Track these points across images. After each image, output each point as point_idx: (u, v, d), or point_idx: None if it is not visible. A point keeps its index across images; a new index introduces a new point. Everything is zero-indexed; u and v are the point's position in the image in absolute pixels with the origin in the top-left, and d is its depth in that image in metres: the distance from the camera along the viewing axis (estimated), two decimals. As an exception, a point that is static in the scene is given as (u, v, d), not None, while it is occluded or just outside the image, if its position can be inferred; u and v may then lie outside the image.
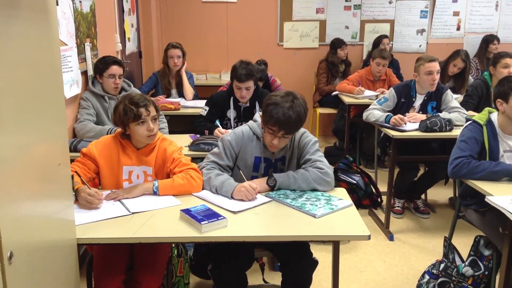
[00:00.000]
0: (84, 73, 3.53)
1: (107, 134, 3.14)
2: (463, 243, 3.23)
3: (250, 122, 2.49)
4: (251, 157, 2.42)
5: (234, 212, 2.10)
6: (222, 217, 1.98)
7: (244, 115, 3.47)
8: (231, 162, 2.42)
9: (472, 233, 3.31)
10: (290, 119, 2.22)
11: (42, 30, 1.53)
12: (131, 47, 5.06)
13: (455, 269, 2.64)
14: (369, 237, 1.93)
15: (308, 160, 2.39)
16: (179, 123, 4.47)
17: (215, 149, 2.45)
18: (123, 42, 4.67)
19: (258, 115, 2.49)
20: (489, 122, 2.72)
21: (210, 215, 1.99)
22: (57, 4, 2.85)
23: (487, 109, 2.81)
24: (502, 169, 2.55)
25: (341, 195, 2.31)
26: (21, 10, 1.38)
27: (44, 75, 1.56)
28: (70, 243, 1.81)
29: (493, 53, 5.82)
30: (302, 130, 2.46)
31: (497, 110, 2.75)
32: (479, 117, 2.77)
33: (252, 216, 2.09)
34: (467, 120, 2.84)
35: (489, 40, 5.92)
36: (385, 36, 5.84)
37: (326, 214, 2.08)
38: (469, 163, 2.59)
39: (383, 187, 4.00)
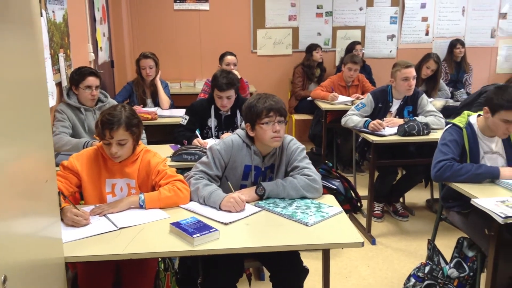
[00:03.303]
0: (59, 85, 3.44)
1: (84, 147, 3.08)
2: (444, 245, 3.27)
3: (239, 130, 2.47)
4: (241, 166, 2.39)
5: (225, 224, 2.07)
6: (214, 229, 1.94)
7: (225, 124, 3.45)
8: (220, 172, 2.39)
9: (452, 234, 3.38)
10: (279, 102, 2.36)
11: (28, 42, 1.48)
12: (103, 56, 4.97)
13: (441, 271, 2.67)
14: (362, 244, 1.93)
15: (296, 167, 2.38)
16: (155, 133, 4.39)
17: (204, 158, 2.41)
18: (95, 51, 4.57)
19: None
20: (469, 124, 2.77)
21: (202, 228, 1.95)
22: (41, 15, 2.78)
23: (465, 112, 2.87)
24: (484, 171, 2.60)
25: (330, 202, 2.31)
26: (7, 23, 1.33)
27: (30, 88, 1.50)
28: (58, 261, 1.74)
29: (460, 57, 6.00)
30: (289, 137, 2.47)
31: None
32: (459, 120, 2.82)
33: (244, 227, 2.06)
34: (447, 123, 2.89)
35: (453, 44, 6.09)
36: (358, 43, 5.93)
37: (318, 222, 2.07)
38: (452, 166, 2.63)
39: (361, 192, 4.03)
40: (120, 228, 2.03)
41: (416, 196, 4.49)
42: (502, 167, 2.67)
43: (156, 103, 4.59)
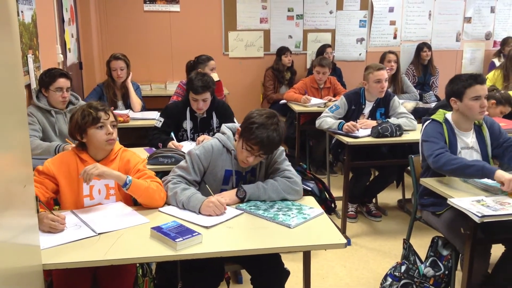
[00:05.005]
0: (28, 87, 3.33)
1: (55, 151, 3.00)
2: (418, 244, 3.32)
3: (219, 135, 2.44)
4: (221, 170, 2.37)
5: (206, 227, 2.04)
6: (196, 233, 1.92)
7: (201, 126, 3.42)
8: (199, 177, 2.36)
9: (424, 234, 3.45)
10: (273, 142, 2.24)
11: (5, 42, 1.42)
12: (71, 58, 4.86)
13: (417, 270, 2.72)
14: (345, 245, 1.94)
15: (277, 169, 2.38)
16: (127, 136, 4.31)
17: (182, 163, 2.38)
18: (64, 53, 4.46)
19: (226, 128, 2.45)
20: (446, 120, 2.84)
21: (184, 232, 1.92)
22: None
23: (441, 110, 2.93)
24: (477, 164, 2.56)
25: (311, 204, 2.32)
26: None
27: (7, 89, 1.44)
28: (36, 269, 1.68)
29: (427, 60, 6.14)
30: None
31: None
32: (437, 116, 2.87)
33: (226, 230, 2.04)
34: (426, 119, 2.92)
35: (420, 48, 6.24)
36: (328, 45, 6.00)
37: (300, 223, 2.07)
38: (449, 156, 2.65)
39: (335, 193, 4.06)
40: (99, 234, 1.97)
41: (388, 196, 4.56)
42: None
43: (127, 106, 4.51)
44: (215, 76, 3.88)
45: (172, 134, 3.33)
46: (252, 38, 6.31)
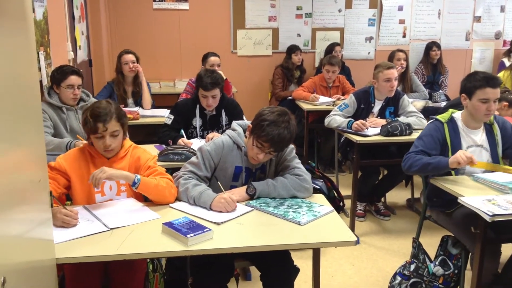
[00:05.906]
0: (39, 84, 3.35)
1: (67, 147, 3.03)
2: (426, 243, 3.30)
3: (229, 131, 2.45)
4: (231, 167, 2.38)
5: (217, 224, 2.05)
6: (207, 229, 1.93)
7: (210, 123, 3.43)
8: (209, 173, 2.37)
9: (433, 233, 3.45)
10: (284, 140, 2.24)
11: (21, 38, 1.44)
12: (81, 55, 4.88)
13: (426, 269, 2.72)
14: (356, 242, 1.95)
15: (287, 167, 2.39)
16: (137, 133, 4.34)
17: (193, 159, 2.39)
18: (74, 50, 4.49)
19: (236, 124, 2.46)
20: (451, 119, 2.84)
21: (195, 227, 1.93)
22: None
23: (450, 110, 2.93)
24: (434, 161, 2.63)
25: (321, 202, 2.32)
26: (1, 17, 1.29)
27: (23, 84, 1.46)
28: (50, 263, 1.70)
29: (436, 59, 6.11)
30: None
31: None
32: (442, 116, 2.88)
33: (237, 227, 2.05)
34: (431, 119, 2.94)
35: (429, 47, 6.21)
36: (337, 44, 5.99)
37: (310, 221, 2.08)
38: (414, 157, 2.70)
39: (343, 191, 4.06)
40: (111, 229, 1.99)
41: (397, 195, 4.55)
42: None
43: (137, 103, 4.53)
44: None
45: (182, 131, 3.35)
46: (260, 36, 6.32)
